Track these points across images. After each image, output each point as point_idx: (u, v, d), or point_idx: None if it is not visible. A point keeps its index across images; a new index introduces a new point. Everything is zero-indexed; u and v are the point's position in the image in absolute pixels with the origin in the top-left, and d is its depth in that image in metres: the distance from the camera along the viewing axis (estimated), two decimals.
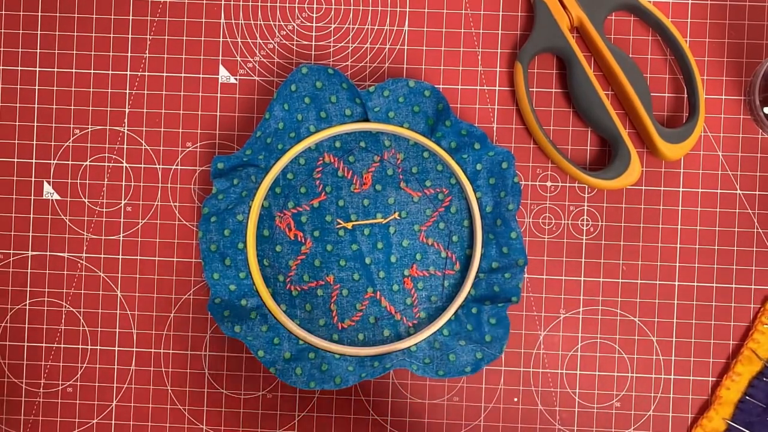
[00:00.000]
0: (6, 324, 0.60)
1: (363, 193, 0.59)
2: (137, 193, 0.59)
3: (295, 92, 0.57)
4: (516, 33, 0.59)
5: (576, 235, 0.59)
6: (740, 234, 0.58)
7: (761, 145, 0.58)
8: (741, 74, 0.58)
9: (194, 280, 0.59)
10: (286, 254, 0.58)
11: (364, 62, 0.59)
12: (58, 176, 0.60)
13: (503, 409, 0.58)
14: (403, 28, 0.59)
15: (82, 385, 0.59)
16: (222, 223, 0.57)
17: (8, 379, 0.60)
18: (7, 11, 0.60)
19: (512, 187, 0.56)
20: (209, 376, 0.59)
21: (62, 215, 0.60)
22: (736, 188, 0.58)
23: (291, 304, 0.58)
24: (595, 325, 0.58)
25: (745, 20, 0.58)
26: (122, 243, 0.59)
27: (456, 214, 0.58)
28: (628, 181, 0.57)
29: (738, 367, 0.57)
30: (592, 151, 0.59)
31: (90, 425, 0.59)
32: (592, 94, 0.57)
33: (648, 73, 0.59)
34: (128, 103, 0.60)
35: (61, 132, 0.60)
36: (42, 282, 0.60)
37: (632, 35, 0.59)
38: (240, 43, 0.60)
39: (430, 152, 0.58)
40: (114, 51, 0.60)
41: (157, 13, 0.60)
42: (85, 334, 0.59)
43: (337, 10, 0.60)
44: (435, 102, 0.57)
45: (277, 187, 0.58)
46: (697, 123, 0.57)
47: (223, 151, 0.59)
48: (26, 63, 0.60)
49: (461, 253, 0.58)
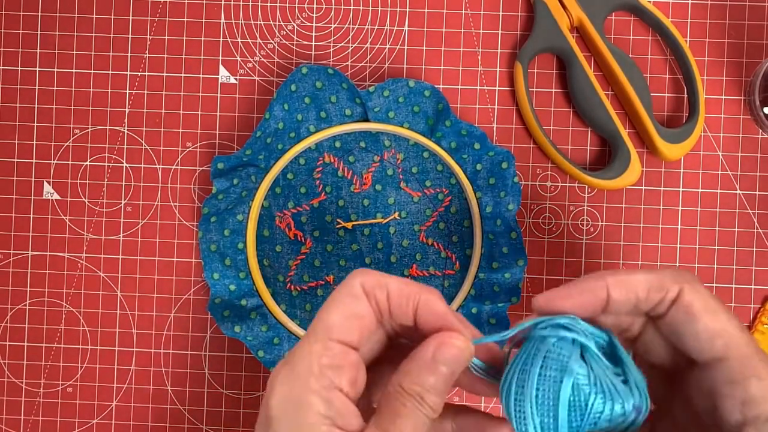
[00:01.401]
0: (6, 324, 0.60)
1: (363, 193, 0.59)
2: (137, 193, 0.59)
3: (295, 92, 0.57)
4: (516, 33, 0.59)
5: (576, 235, 0.59)
6: (740, 234, 0.58)
7: (761, 145, 0.58)
8: (741, 74, 0.58)
9: (194, 280, 0.59)
10: (286, 254, 0.58)
11: (364, 62, 0.59)
12: (58, 176, 0.60)
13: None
14: (403, 28, 0.59)
15: (82, 385, 0.59)
16: (222, 223, 0.57)
17: (8, 379, 0.60)
18: (7, 11, 0.60)
19: (512, 187, 0.56)
20: (209, 376, 0.59)
21: (62, 215, 0.60)
22: (736, 188, 0.58)
23: (291, 304, 0.58)
24: None
25: (745, 20, 0.58)
26: (122, 243, 0.59)
27: (456, 214, 0.58)
28: (628, 181, 0.57)
29: None
30: (592, 151, 0.59)
31: (90, 425, 0.59)
32: (592, 94, 0.57)
33: (648, 73, 0.59)
34: (128, 103, 0.60)
35: (61, 132, 0.60)
36: (42, 282, 0.60)
37: (632, 35, 0.59)
38: (240, 43, 0.60)
39: (430, 152, 0.58)
40: (114, 51, 0.60)
41: (157, 13, 0.60)
42: (85, 334, 0.59)
43: (337, 10, 0.60)
44: (435, 102, 0.57)
45: (277, 187, 0.58)
46: (697, 123, 0.57)
47: (223, 151, 0.59)
48: (26, 63, 0.60)
49: (461, 253, 0.58)
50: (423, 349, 0.38)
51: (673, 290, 0.37)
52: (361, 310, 0.38)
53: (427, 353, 0.37)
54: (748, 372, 0.36)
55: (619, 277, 0.38)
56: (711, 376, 0.37)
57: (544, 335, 0.38)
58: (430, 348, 0.37)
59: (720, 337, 0.36)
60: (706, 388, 0.37)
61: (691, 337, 0.37)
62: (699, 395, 0.38)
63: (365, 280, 0.38)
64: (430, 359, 0.37)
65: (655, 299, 0.37)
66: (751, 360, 0.36)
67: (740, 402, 0.36)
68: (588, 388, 0.36)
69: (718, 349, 0.36)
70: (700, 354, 0.37)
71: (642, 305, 0.38)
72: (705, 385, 0.37)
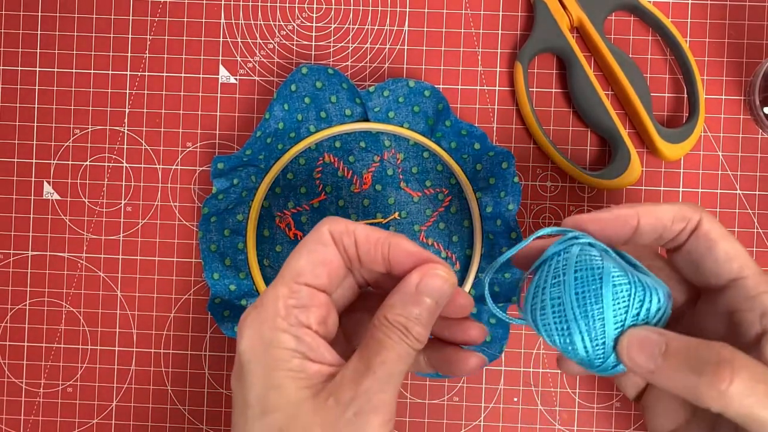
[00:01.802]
0: (6, 324, 0.60)
1: (363, 193, 0.59)
2: (137, 193, 0.59)
3: (295, 92, 0.57)
4: (516, 33, 0.59)
5: None
6: (740, 234, 0.58)
7: (761, 145, 0.58)
8: (741, 74, 0.58)
9: (194, 280, 0.59)
10: (286, 254, 0.58)
11: (364, 62, 0.59)
12: (58, 176, 0.60)
13: (503, 409, 0.58)
14: (403, 28, 0.59)
15: (82, 385, 0.59)
16: (222, 223, 0.57)
17: (8, 379, 0.60)
18: (7, 11, 0.60)
19: (512, 187, 0.56)
20: (209, 376, 0.59)
21: (62, 215, 0.60)
22: (736, 188, 0.58)
23: None
24: None
25: (745, 20, 0.58)
26: (122, 243, 0.59)
27: (456, 214, 0.58)
28: (628, 181, 0.57)
29: None
30: (592, 151, 0.59)
31: (90, 425, 0.59)
32: (592, 94, 0.57)
33: (648, 73, 0.59)
34: (128, 103, 0.60)
35: (61, 132, 0.60)
36: (42, 282, 0.60)
37: (632, 35, 0.59)
38: (240, 43, 0.60)
39: (430, 152, 0.58)
40: (114, 51, 0.60)
41: (157, 13, 0.60)
42: (85, 334, 0.59)
43: (337, 10, 0.60)
44: (435, 102, 0.57)
45: (277, 187, 0.58)
46: (697, 123, 0.57)
47: (223, 151, 0.59)
48: (26, 63, 0.60)
49: (461, 253, 0.58)
50: (406, 282, 0.38)
51: (694, 219, 0.40)
52: (329, 255, 0.39)
53: (411, 285, 0.38)
54: (763, 287, 0.39)
55: (648, 207, 0.40)
56: (729, 296, 0.40)
57: (565, 247, 0.39)
58: (413, 280, 0.38)
59: (736, 259, 0.40)
60: (722, 310, 0.40)
61: (711, 261, 0.40)
62: (712, 321, 0.41)
63: (333, 227, 0.39)
64: (414, 291, 0.38)
65: (678, 228, 0.40)
66: (761, 277, 0.40)
67: (759, 314, 0.39)
68: (627, 283, 0.38)
69: (736, 270, 0.40)
70: (719, 277, 0.40)
71: (667, 234, 0.40)
72: (720, 309, 0.40)
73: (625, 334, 0.38)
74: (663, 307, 0.39)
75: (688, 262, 0.41)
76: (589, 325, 0.37)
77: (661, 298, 0.39)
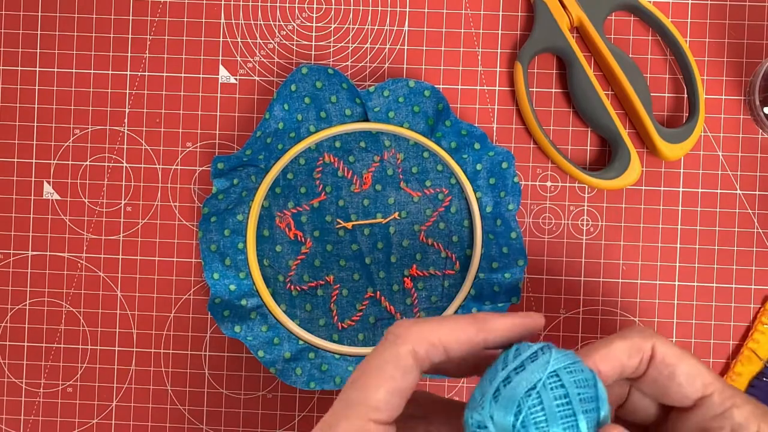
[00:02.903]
0: (6, 324, 0.60)
1: (363, 193, 0.59)
2: (137, 193, 0.59)
3: (295, 92, 0.57)
4: (516, 33, 0.59)
5: (576, 235, 0.59)
6: (740, 234, 0.58)
7: (761, 145, 0.58)
8: (741, 74, 0.58)
9: (194, 280, 0.59)
10: (286, 254, 0.58)
11: (364, 62, 0.59)
12: (58, 176, 0.60)
13: None
14: (403, 28, 0.59)
15: (82, 385, 0.59)
16: (222, 223, 0.57)
17: (8, 379, 0.60)
18: (7, 11, 0.60)
19: (512, 187, 0.56)
20: (209, 376, 0.59)
21: (62, 215, 0.60)
22: (736, 188, 0.58)
23: (291, 304, 0.58)
24: (596, 325, 0.58)
25: (745, 20, 0.58)
26: (122, 243, 0.59)
27: (456, 214, 0.58)
28: (628, 181, 0.57)
29: (738, 367, 0.57)
30: (592, 151, 0.59)
31: (90, 425, 0.59)
32: (592, 94, 0.57)
33: (648, 73, 0.59)
34: (128, 103, 0.60)
35: (61, 132, 0.60)
36: (42, 282, 0.60)
37: (632, 35, 0.59)
38: (240, 43, 0.60)
39: (430, 152, 0.58)
40: (114, 51, 0.60)
41: (157, 13, 0.60)
42: (85, 334, 0.59)
43: (337, 10, 0.60)
44: (435, 102, 0.57)
45: (277, 187, 0.58)
46: (697, 123, 0.57)
47: (223, 151, 0.59)
48: (26, 63, 0.60)
49: (461, 253, 0.58)
50: None
51: (647, 348, 0.39)
52: (410, 383, 0.36)
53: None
54: (728, 403, 0.39)
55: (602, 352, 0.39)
56: (697, 415, 0.39)
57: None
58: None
59: (698, 377, 0.39)
60: (694, 428, 0.40)
61: (675, 386, 0.39)
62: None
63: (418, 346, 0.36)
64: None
65: (635, 363, 0.39)
66: (725, 392, 0.39)
67: (729, 430, 0.39)
68: None
69: (700, 389, 0.39)
70: (685, 398, 0.39)
71: (626, 371, 0.39)
72: (692, 427, 0.40)
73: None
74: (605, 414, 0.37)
75: (653, 389, 0.40)
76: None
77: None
